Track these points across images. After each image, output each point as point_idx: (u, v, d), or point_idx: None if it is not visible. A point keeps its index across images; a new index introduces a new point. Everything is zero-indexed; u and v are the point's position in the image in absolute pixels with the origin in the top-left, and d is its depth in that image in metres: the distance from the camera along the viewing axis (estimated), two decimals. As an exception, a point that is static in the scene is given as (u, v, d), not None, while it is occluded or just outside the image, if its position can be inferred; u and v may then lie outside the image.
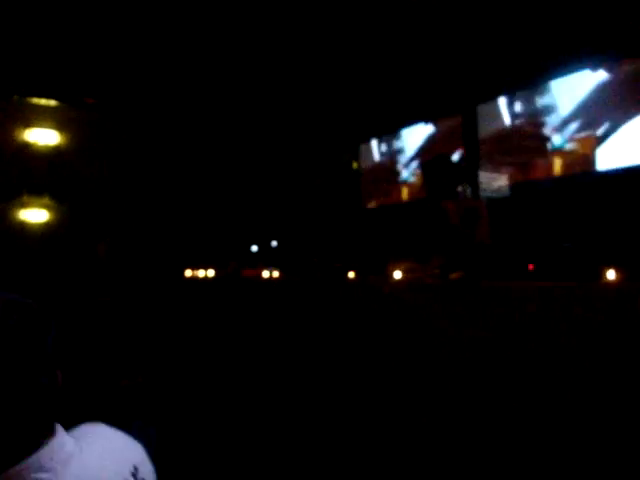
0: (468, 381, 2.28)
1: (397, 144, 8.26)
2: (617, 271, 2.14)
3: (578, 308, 1.95)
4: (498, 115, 6.69)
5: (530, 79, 6.15)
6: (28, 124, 9.44)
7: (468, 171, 6.98)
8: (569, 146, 5.73)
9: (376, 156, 8.71)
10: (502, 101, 6.67)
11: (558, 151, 5.88)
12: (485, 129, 6.86)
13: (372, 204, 8.59)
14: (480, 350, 2.24)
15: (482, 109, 6.91)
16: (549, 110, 5.99)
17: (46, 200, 10.05)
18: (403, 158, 8.13)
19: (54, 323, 1.14)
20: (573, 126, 5.70)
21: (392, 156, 8.34)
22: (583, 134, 5.58)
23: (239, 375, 3.90)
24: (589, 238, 3.86)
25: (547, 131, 6.04)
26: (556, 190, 5.77)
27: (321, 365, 3.03)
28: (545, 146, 6.04)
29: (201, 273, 5.67)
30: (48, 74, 9.15)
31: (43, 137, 9.58)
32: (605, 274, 2.15)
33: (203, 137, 10.48)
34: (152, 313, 5.28)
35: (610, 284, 2.05)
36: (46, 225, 9.95)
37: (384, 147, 8.53)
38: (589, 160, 5.44)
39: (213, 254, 8.40)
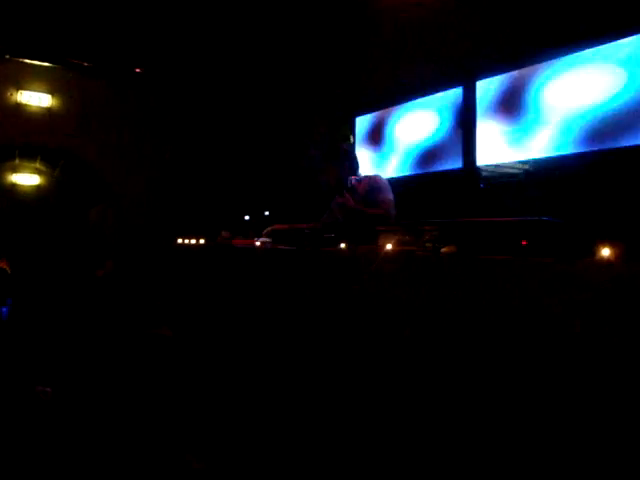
0: (457, 356, 2.26)
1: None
2: (612, 248, 2.11)
3: (570, 285, 1.93)
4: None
5: (541, 52, 6.00)
6: (20, 86, 9.27)
7: (465, 147, 6.91)
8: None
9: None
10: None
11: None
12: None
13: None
14: (470, 324, 2.22)
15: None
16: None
17: (38, 164, 9.94)
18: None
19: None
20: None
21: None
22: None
23: (228, 345, 3.89)
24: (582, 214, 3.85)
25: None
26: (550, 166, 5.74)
27: (307, 335, 3.02)
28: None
29: (192, 242, 5.62)
30: (42, 35, 8.96)
31: (35, 99, 9.42)
32: (599, 251, 2.12)
33: (198, 105, 10.35)
34: (141, 279, 5.25)
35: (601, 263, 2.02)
36: (37, 189, 9.87)
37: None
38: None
39: (204, 223, 8.36)
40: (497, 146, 6.52)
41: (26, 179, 9.89)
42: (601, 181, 4.93)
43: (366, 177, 5.31)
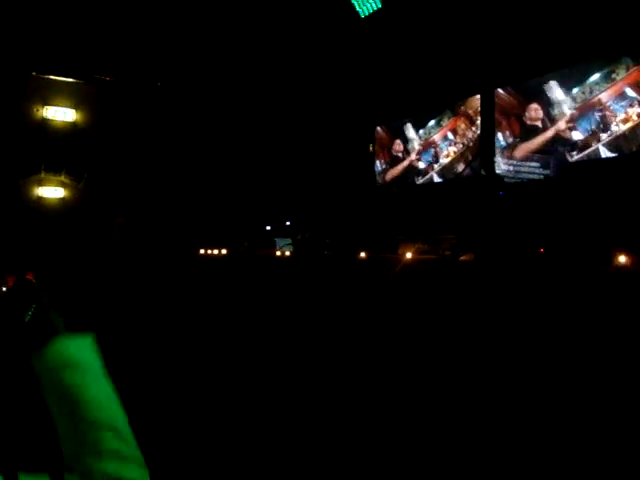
0: (470, 358, 2.30)
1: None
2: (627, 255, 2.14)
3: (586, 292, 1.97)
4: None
5: (558, 63, 6.03)
6: (45, 101, 9.49)
7: (484, 154, 6.95)
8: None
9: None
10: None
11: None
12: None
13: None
14: (489, 328, 2.26)
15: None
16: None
17: (63, 177, 10.12)
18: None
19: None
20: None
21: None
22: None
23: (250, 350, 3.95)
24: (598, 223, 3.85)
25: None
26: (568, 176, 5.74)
27: (328, 340, 3.07)
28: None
29: (215, 252, 5.73)
30: (66, 51, 9.17)
31: (60, 114, 9.63)
32: (614, 257, 2.16)
33: (222, 119, 10.48)
34: (166, 290, 5.33)
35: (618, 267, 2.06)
36: (63, 202, 10.05)
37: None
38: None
39: (228, 233, 8.46)
40: (516, 152, 6.54)
41: (51, 192, 10.08)
42: (619, 188, 4.91)
43: None
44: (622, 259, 2.14)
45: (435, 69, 7.47)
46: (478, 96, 7.14)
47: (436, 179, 7.65)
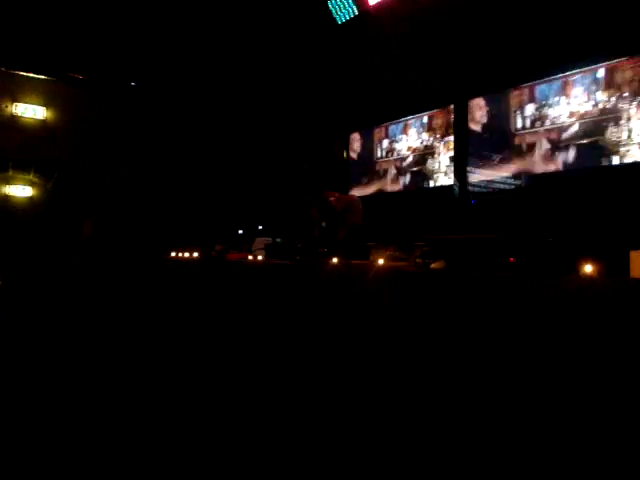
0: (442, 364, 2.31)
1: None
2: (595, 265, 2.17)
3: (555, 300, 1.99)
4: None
5: (524, 76, 6.16)
6: (15, 98, 9.32)
7: (457, 164, 7.01)
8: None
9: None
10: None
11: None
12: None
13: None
14: (458, 335, 2.27)
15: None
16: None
17: (32, 176, 9.94)
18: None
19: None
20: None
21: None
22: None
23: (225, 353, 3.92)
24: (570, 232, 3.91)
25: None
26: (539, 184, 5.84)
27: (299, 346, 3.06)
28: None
29: (186, 255, 5.67)
30: (37, 48, 9.02)
31: (30, 112, 9.47)
32: (583, 268, 2.19)
33: (195, 120, 10.42)
34: (135, 292, 5.27)
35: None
36: (31, 201, 9.86)
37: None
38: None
39: (199, 237, 8.39)
40: (489, 162, 6.61)
41: (20, 191, 9.88)
42: (589, 198, 5.02)
43: (345, 197, 5.60)
44: (588, 269, 2.17)
45: (410, 77, 7.54)
46: (451, 106, 7.21)
47: (409, 187, 7.70)
